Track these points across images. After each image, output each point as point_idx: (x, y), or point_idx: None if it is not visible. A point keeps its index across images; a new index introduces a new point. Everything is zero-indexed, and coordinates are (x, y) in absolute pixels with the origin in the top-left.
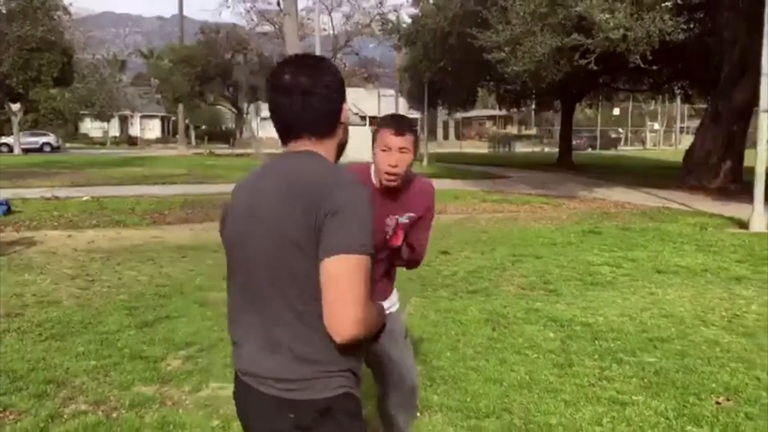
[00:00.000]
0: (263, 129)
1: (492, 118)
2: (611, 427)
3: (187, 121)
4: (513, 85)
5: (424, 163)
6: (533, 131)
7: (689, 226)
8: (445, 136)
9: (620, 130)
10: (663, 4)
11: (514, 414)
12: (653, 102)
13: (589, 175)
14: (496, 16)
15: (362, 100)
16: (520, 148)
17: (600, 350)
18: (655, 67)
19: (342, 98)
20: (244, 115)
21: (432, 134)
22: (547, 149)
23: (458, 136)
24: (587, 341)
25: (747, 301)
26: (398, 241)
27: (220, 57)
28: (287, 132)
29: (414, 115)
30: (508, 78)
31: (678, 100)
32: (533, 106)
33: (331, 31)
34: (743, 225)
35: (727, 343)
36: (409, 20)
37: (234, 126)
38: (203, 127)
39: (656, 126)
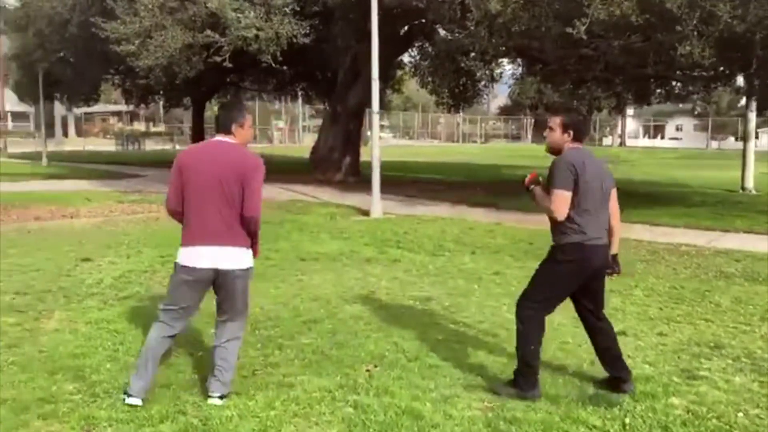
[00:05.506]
0: None
1: (117, 114)
2: (283, 409)
3: None
4: (145, 80)
5: (43, 162)
6: (162, 128)
7: (321, 216)
8: (65, 134)
9: None
10: (286, 9)
11: (188, 414)
12: (277, 101)
13: None
14: (123, 7)
15: None
16: (151, 146)
17: (262, 338)
18: (285, 68)
19: None
20: None
21: (50, 131)
22: (178, 147)
23: (80, 133)
24: (248, 333)
25: (377, 278)
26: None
27: None
28: None
29: (25, 108)
30: (139, 72)
31: (300, 100)
32: (162, 103)
33: None
34: (365, 213)
35: (367, 316)
36: (17, 3)
37: None
38: None
39: (281, 124)
